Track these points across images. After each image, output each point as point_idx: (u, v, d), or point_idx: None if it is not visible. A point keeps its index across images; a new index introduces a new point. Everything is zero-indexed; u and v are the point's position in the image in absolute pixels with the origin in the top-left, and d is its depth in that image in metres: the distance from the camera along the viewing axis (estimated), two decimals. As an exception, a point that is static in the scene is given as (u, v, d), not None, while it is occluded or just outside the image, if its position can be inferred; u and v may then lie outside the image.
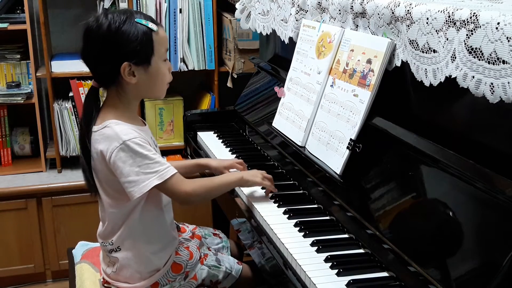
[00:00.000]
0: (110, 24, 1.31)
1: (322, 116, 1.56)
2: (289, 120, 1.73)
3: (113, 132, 1.32)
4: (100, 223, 1.48)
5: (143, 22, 1.34)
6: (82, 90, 2.53)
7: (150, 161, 1.32)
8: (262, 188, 1.58)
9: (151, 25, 1.35)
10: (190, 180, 1.41)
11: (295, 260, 1.24)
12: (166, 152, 2.75)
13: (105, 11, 1.34)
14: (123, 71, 1.32)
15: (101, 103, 1.42)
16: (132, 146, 1.31)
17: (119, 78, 1.34)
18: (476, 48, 1.02)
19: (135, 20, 1.33)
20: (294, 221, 1.41)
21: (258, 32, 2.09)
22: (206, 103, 2.75)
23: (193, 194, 1.39)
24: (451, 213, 1.11)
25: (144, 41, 1.33)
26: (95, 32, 1.31)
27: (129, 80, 1.34)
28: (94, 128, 1.36)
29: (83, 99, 1.47)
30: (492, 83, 0.99)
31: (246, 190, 1.59)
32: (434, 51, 1.15)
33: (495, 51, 0.98)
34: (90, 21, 1.33)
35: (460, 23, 1.06)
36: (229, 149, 1.97)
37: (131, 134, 1.32)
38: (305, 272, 1.19)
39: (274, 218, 1.44)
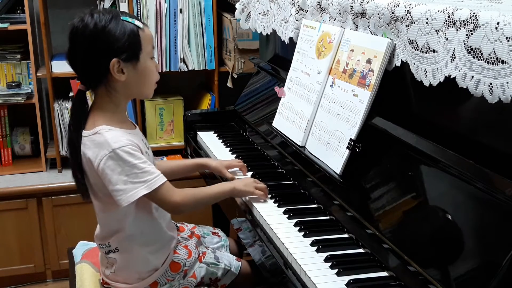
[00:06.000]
0: (96, 23, 1.30)
1: (322, 116, 1.56)
2: (289, 120, 1.73)
3: (104, 139, 1.31)
4: (98, 225, 1.48)
5: (129, 19, 1.34)
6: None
7: (139, 171, 1.31)
8: None
9: (137, 23, 1.35)
10: (180, 190, 1.40)
11: (295, 259, 1.24)
12: (166, 152, 2.76)
13: (90, 11, 1.33)
14: (112, 67, 1.31)
15: (89, 106, 1.41)
16: (121, 154, 1.29)
17: (107, 77, 1.33)
18: (475, 48, 1.03)
19: (121, 18, 1.33)
20: (294, 220, 1.41)
21: (258, 32, 2.09)
22: (206, 103, 2.75)
23: (182, 204, 1.38)
24: (451, 213, 1.11)
25: (132, 37, 1.32)
26: (81, 31, 1.30)
27: (118, 77, 1.32)
28: (84, 132, 1.35)
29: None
30: (491, 83, 0.99)
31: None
32: (434, 51, 1.15)
33: (494, 51, 0.98)
34: (75, 21, 1.32)
35: (460, 23, 1.06)
36: (229, 149, 1.97)
37: (121, 142, 1.31)
38: (305, 271, 1.20)
39: (274, 217, 1.44)
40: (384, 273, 1.20)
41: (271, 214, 1.46)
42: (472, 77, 1.03)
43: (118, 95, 1.37)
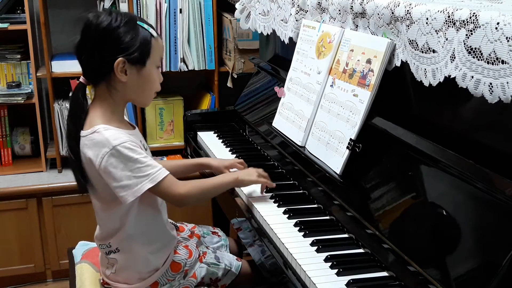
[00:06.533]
0: (111, 21, 1.31)
1: (322, 116, 1.57)
2: (289, 120, 1.73)
3: (103, 138, 1.31)
4: (97, 226, 1.48)
5: (145, 26, 1.35)
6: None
7: (142, 165, 1.31)
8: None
9: (152, 31, 1.36)
10: (184, 182, 1.40)
11: (295, 259, 1.24)
12: (166, 152, 2.76)
13: (109, 9, 1.34)
14: (117, 66, 1.31)
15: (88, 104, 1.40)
16: (123, 150, 1.30)
17: (110, 74, 1.33)
18: (475, 48, 1.03)
19: (137, 23, 1.34)
20: (294, 220, 1.41)
21: (258, 32, 2.09)
22: (206, 103, 2.75)
23: (187, 196, 1.39)
24: (450, 213, 1.11)
25: (143, 42, 1.33)
26: (95, 26, 1.31)
27: (120, 77, 1.33)
28: (83, 132, 1.35)
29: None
30: (491, 83, 0.99)
31: (246, 190, 1.59)
32: (434, 51, 1.16)
33: (494, 51, 0.98)
34: (91, 16, 1.33)
35: (460, 23, 1.06)
36: (229, 149, 1.97)
37: (121, 139, 1.31)
38: (305, 271, 1.20)
39: (274, 217, 1.44)
40: (384, 273, 1.20)
41: (271, 214, 1.46)
42: (472, 77, 1.03)
43: (118, 94, 1.37)
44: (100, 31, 1.31)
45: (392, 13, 1.29)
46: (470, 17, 1.03)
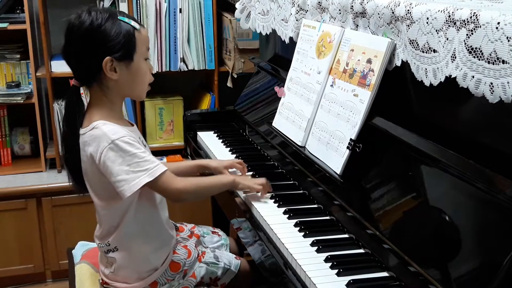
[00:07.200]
0: (93, 20, 1.31)
1: (322, 116, 1.56)
2: (289, 120, 1.73)
3: (102, 132, 1.32)
4: (97, 225, 1.48)
5: (126, 20, 1.35)
6: (82, 90, 2.53)
7: (140, 159, 1.32)
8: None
9: (134, 24, 1.36)
10: (181, 178, 1.41)
11: (295, 260, 1.24)
12: (166, 152, 2.75)
13: (88, 8, 1.34)
14: (105, 66, 1.32)
15: (85, 106, 1.41)
16: (121, 145, 1.31)
17: (100, 74, 1.34)
18: (476, 48, 1.02)
19: (118, 18, 1.34)
20: (294, 221, 1.41)
21: (258, 32, 2.09)
22: (206, 103, 2.75)
23: (184, 192, 1.39)
24: (451, 213, 1.11)
25: (127, 37, 1.34)
26: (77, 28, 1.32)
27: (110, 75, 1.34)
28: (82, 130, 1.36)
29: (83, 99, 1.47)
30: (491, 83, 0.99)
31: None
32: (434, 50, 1.15)
33: (495, 51, 0.98)
34: (72, 18, 1.34)
35: (460, 22, 1.06)
36: (229, 149, 1.97)
37: (119, 133, 1.32)
38: (305, 272, 1.19)
39: (274, 218, 1.44)
40: (385, 274, 1.20)
41: (271, 214, 1.46)
42: (473, 77, 1.03)
43: (111, 93, 1.38)
44: (82, 32, 1.32)
45: (393, 12, 1.29)
46: (471, 17, 1.03)
